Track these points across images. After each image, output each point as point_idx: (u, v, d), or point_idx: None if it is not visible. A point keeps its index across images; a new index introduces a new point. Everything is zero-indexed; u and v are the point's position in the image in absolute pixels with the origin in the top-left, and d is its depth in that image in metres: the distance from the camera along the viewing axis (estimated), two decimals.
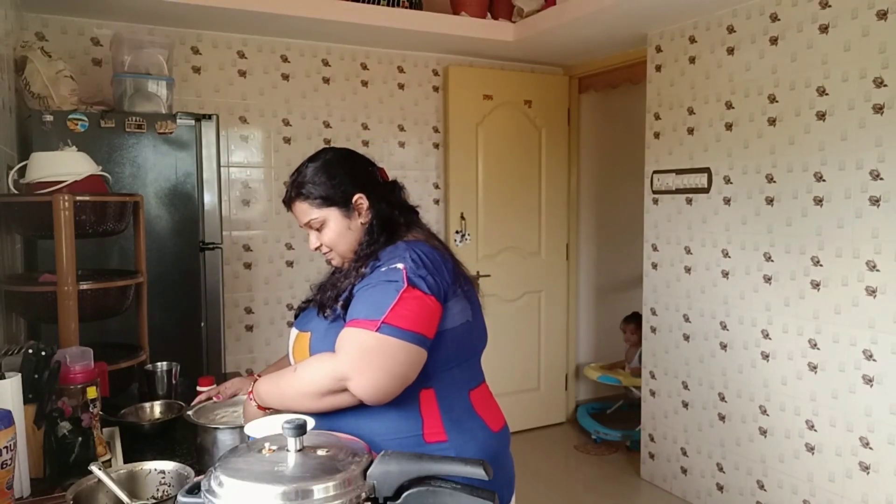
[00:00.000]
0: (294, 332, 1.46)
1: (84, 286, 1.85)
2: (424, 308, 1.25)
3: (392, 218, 1.43)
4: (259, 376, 1.63)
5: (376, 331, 1.20)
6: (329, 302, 1.36)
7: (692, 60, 3.12)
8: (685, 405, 3.23)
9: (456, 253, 1.46)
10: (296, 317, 1.53)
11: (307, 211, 1.41)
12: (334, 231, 1.41)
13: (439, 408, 1.30)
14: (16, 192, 2.00)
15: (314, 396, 1.25)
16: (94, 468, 1.06)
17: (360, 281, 1.32)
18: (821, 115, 2.57)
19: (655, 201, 3.36)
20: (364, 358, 1.19)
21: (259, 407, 1.34)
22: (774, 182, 2.76)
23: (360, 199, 1.41)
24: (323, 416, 1.27)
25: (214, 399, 1.58)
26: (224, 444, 1.33)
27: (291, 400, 1.28)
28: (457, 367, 1.34)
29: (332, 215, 1.41)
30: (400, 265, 1.28)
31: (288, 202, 1.45)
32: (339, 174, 1.42)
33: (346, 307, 1.31)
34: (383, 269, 1.28)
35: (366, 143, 3.69)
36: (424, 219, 1.54)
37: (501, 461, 1.37)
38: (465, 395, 1.36)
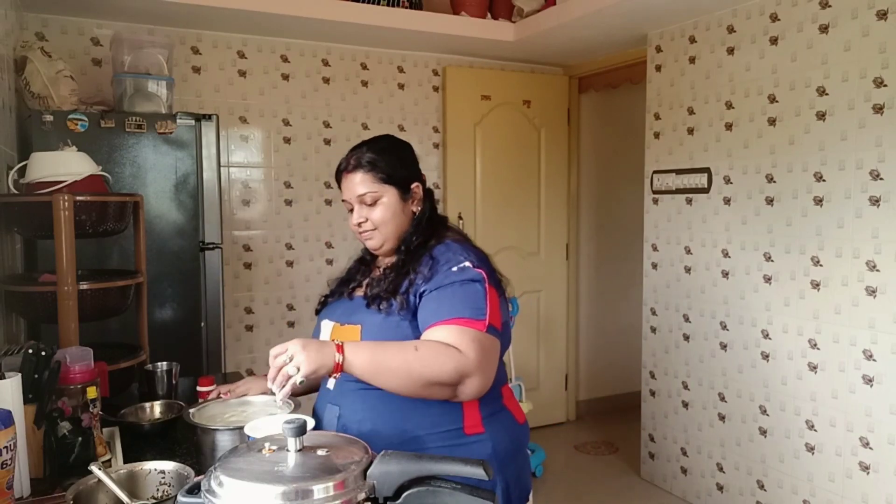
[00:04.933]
0: (328, 324, 1.45)
1: (84, 286, 1.84)
2: (499, 307, 1.32)
3: (434, 217, 1.48)
4: None
5: (485, 331, 1.25)
6: (385, 295, 1.36)
7: (692, 60, 3.12)
8: (685, 405, 3.23)
9: None
10: (318, 311, 1.53)
11: (365, 182, 1.42)
12: (389, 209, 1.42)
13: (478, 402, 1.34)
14: (16, 192, 1.99)
15: (425, 383, 1.22)
16: (94, 468, 1.06)
17: (420, 278, 1.33)
18: (821, 115, 2.57)
19: (655, 201, 3.36)
20: (485, 357, 1.23)
21: (337, 368, 1.21)
22: (774, 182, 2.76)
23: (418, 188, 1.46)
24: (369, 409, 1.29)
25: (223, 396, 1.58)
26: (224, 445, 1.33)
27: (395, 376, 1.22)
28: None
29: (390, 194, 1.42)
30: (468, 264, 1.32)
31: (343, 171, 1.45)
32: (405, 159, 1.47)
33: (404, 304, 1.33)
34: (455, 269, 1.31)
35: None
36: None
37: (525, 450, 1.45)
38: (498, 389, 1.40)
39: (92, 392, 1.40)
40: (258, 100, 3.44)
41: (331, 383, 1.40)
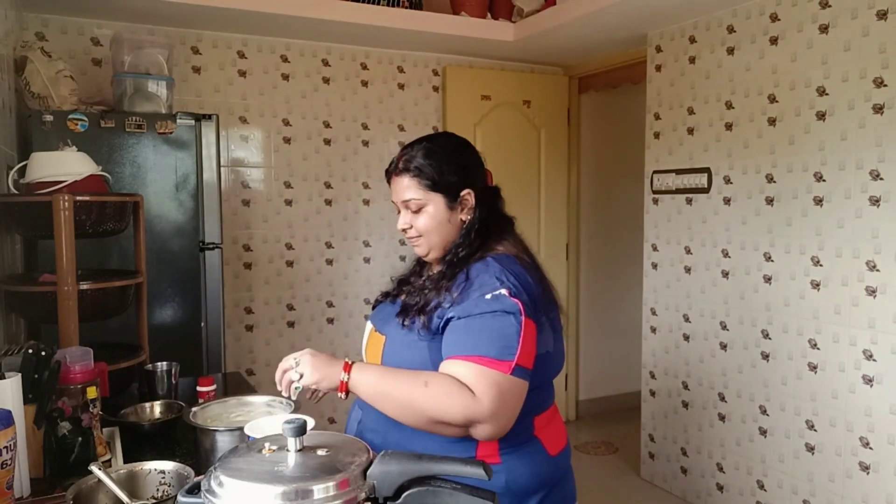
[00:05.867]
0: (369, 326, 1.42)
1: (84, 286, 1.85)
2: (534, 342, 1.22)
3: (489, 225, 1.36)
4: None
5: (511, 373, 1.15)
6: (413, 310, 1.29)
7: (692, 60, 3.12)
8: (685, 405, 3.23)
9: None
10: (373, 308, 1.49)
11: (411, 189, 1.33)
12: (433, 218, 1.33)
13: None
14: (16, 192, 2.00)
15: (429, 420, 1.17)
16: (94, 468, 1.06)
17: (448, 300, 1.25)
18: (821, 115, 2.57)
19: (655, 201, 3.36)
20: (504, 405, 1.15)
21: (342, 388, 1.21)
22: (774, 182, 2.76)
23: (468, 196, 1.35)
24: (385, 421, 1.23)
25: None
26: (224, 445, 1.33)
27: (398, 406, 1.19)
28: (527, 394, 1.25)
29: (436, 202, 1.33)
30: (504, 291, 1.21)
31: (391, 173, 1.37)
32: (456, 163, 1.35)
33: (426, 324, 1.26)
34: (487, 297, 1.21)
35: (366, 144, 3.69)
36: None
37: (558, 485, 1.32)
38: (530, 420, 1.30)
39: (92, 392, 1.40)
40: (258, 100, 3.44)
41: None
